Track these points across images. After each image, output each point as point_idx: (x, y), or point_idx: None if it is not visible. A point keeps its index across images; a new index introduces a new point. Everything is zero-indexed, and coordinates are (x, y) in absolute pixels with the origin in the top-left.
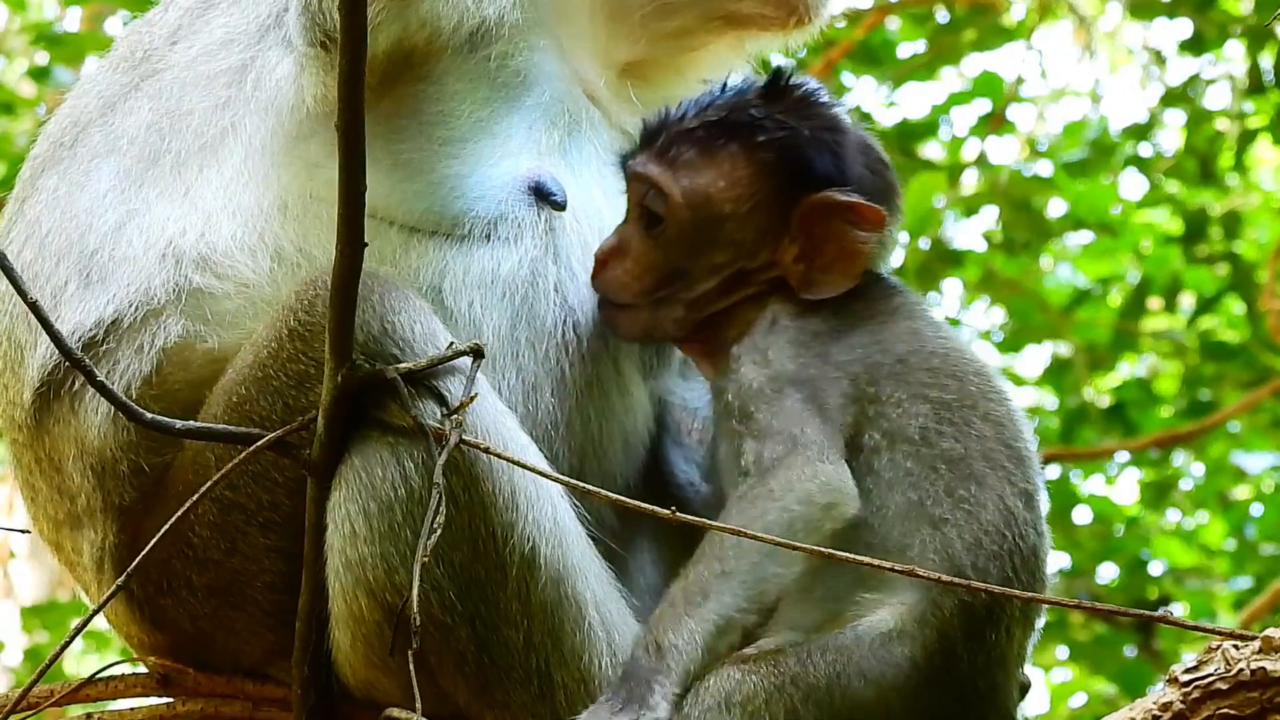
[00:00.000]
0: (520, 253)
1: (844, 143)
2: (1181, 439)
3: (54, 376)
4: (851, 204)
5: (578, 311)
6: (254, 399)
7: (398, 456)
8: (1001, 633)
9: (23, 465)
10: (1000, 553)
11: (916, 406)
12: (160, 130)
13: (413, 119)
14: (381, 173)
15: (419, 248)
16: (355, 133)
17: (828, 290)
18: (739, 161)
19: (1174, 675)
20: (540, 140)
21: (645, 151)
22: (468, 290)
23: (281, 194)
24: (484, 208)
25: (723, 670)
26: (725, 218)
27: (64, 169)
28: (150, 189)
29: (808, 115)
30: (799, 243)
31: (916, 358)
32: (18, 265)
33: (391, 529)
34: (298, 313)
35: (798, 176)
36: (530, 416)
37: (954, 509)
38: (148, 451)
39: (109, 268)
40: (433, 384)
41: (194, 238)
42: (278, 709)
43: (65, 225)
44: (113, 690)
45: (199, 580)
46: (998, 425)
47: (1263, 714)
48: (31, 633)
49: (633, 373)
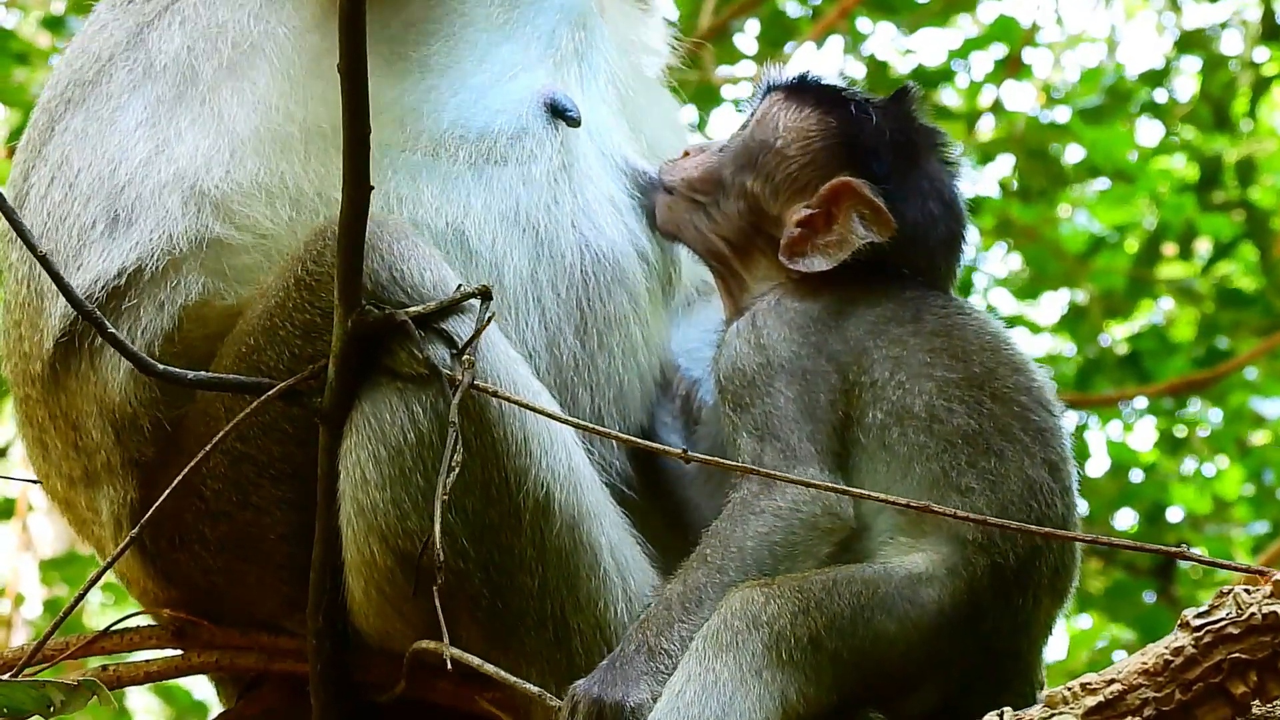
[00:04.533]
0: (540, 173)
1: (913, 165)
2: (1198, 385)
3: (76, 328)
4: (873, 202)
5: (594, 244)
6: (262, 349)
7: (406, 402)
8: (1029, 598)
9: (34, 422)
10: (1027, 522)
11: (919, 385)
12: (195, 51)
13: (441, 23)
14: (411, 81)
15: (441, 175)
16: (358, 74)
17: (805, 265)
18: (816, 114)
19: (1185, 620)
20: (560, 49)
21: (781, 86)
22: (490, 226)
23: (306, 121)
24: (505, 121)
25: (747, 591)
26: (773, 149)
27: (90, 106)
28: (182, 116)
29: (900, 126)
30: (814, 211)
31: (915, 339)
32: (45, 207)
33: (402, 474)
34: (305, 263)
35: (849, 157)
36: (555, 362)
37: (978, 479)
38: (167, 406)
39: (135, 208)
40: (442, 328)
41: (219, 175)
42: (293, 659)
43: (96, 163)
44: (128, 643)
45: (211, 533)
46: (1009, 401)
47: (1274, 658)
48: (51, 585)
49: (647, 304)
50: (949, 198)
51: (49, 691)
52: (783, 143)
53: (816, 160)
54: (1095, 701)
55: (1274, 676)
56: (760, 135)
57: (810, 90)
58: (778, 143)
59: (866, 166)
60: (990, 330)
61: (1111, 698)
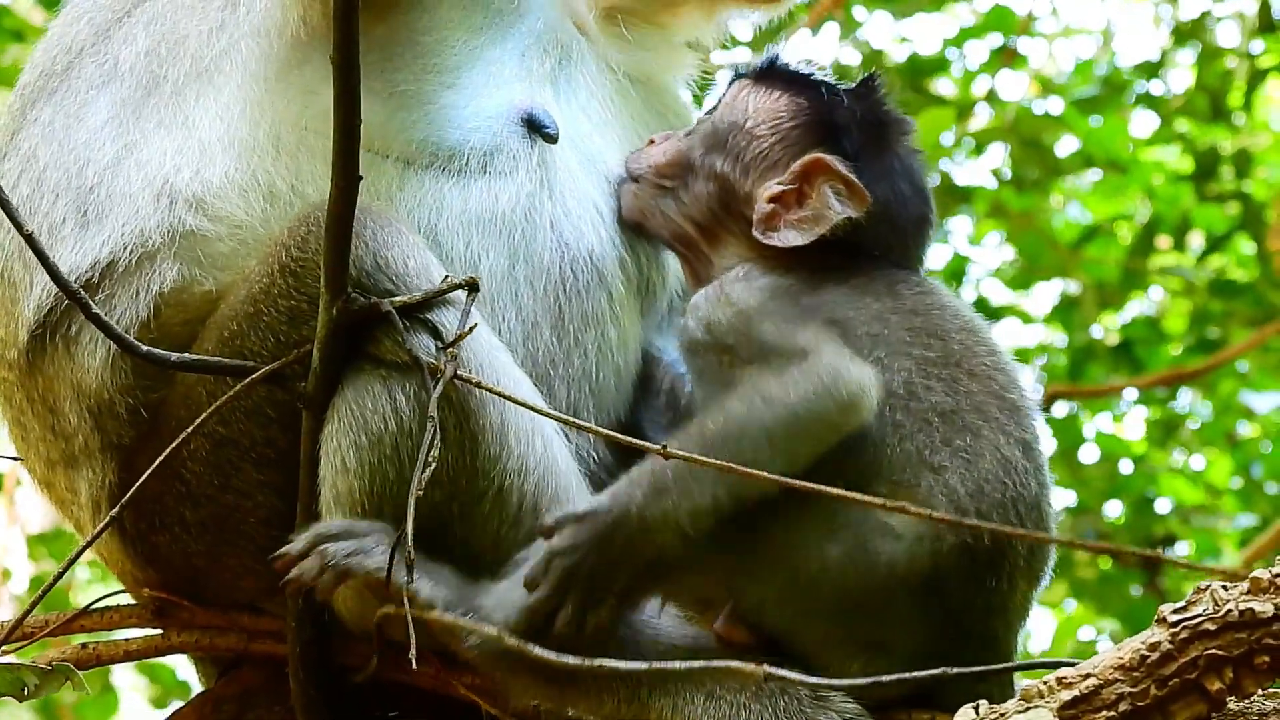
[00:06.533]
0: (516, 186)
1: (883, 146)
2: (1189, 377)
3: (50, 318)
4: (846, 176)
5: (573, 247)
6: (245, 334)
7: (389, 390)
8: (1004, 580)
9: (13, 404)
10: (1004, 501)
11: (898, 362)
12: (158, 57)
13: (408, 46)
14: (378, 103)
15: (415, 181)
16: (350, 63)
17: (780, 239)
18: (786, 96)
19: (1163, 615)
20: (532, 69)
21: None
22: (465, 229)
23: (275, 124)
24: (479, 139)
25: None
26: (742, 129)
27: (59, 100)
28: (148, 119)
29: (869, 110)
30: (786, 188)
31: (896, 316)
32: (14, 200)
33: (380, 462)
34: (290, 249)
35: (821, 135)
36: (530, 356)
37: (952, 457)
38: (145, 391)
39: (106, 205)
40: (427, 318)
41: (189, 175)
42: (272, 641)
43: (63, 159)
44: (108, 621)
45: (192, 516)
46: (985, 379)
47: (1250, 654)
48: (38, 561)
49: (625, 306)
50: (918, 181)
51: (23, 674)
52: (753, 123)
53: (788, 138)
54: (1071, 696)
55: (1250, 673)
56: (729, 117)
57: (779, 74)
58: (747, 123)
59: (838, 143)
60: (964, 311)
61: (1087, 692)
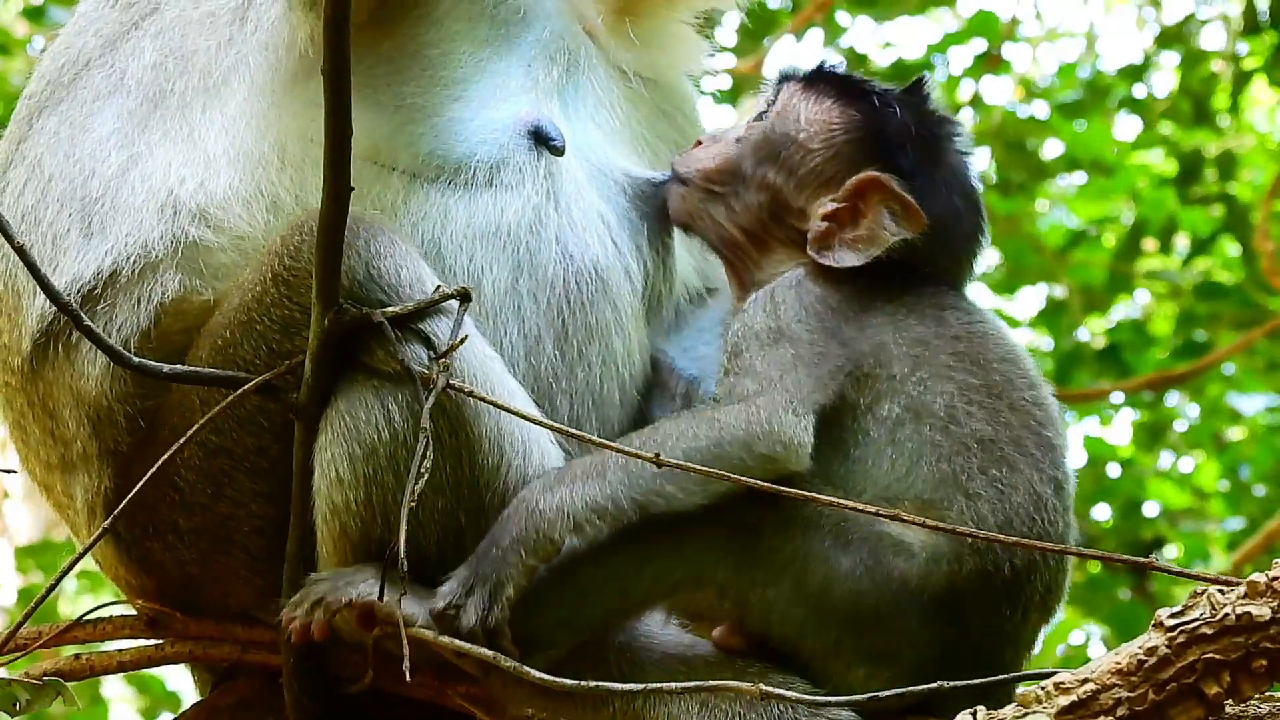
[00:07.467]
0: (522, 199)
1: (937, 159)
2: (1176, 380)
3: (53, 327)
4: (903, 196)
5: (578, 259)
6: (238, 343)
7: (382, 400)
8: (1019, 612)
9: (14, 408)
10: (1029, 535)
11: (941, 385)
12: (165, 70)
13: (415, 60)
14: (385, 116)
15: (420, 194)
16: (341, 75)
17: (835, 259)
18: (839, 107)
19: (1160, 620)
20: (539, 80)
21: (799, 77)
22: (469, 243)
23: (281, 136)
24: (485, 152)
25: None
26: (796, 142)
27: (64, 110)
28: (154, 131)
29: (922, 119)
30: (840, 205)
31: (939, 341)
32: (19, 209)
33: (375, 473)
34: (283, 257)
35: (875, 151)
36: (533, 370)
37: (987, 486)
38: (141, 398)
39: (110, 216)
40: (419, 328)
41: (193, 187)
42: (266, 651)
43: (69, 169)
44: (102, 632)
45: (186, 525)
46: (1025, 413)
47: (1248, 658)
48: (26, 573)
49: (631, 317)
50: (970, 191)
51: (14, 690)
52: (806, 135)
53: (841, 153)
54: (1068, 701)
55: (1247, 677)
56: (782, 127)
57: (829, 81)
58: (800, 135)
59: (893, 160)
60: (1008, 341)
61: (1085, 697)
